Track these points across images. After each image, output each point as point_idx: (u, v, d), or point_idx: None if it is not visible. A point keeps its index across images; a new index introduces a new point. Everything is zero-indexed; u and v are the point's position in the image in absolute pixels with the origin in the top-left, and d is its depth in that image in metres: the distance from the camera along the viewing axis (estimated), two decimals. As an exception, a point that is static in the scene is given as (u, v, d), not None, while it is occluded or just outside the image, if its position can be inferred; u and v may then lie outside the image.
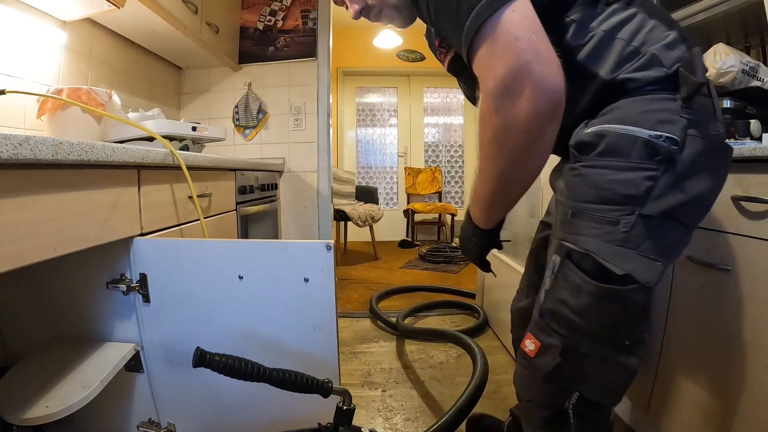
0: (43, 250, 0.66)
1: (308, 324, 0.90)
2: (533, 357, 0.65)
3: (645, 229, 0.58)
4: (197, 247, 0.88)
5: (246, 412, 0.96)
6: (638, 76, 0.60)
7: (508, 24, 0.53)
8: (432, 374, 1.68)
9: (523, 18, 0.54)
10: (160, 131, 1.30)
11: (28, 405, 0.75)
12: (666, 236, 0.59)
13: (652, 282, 0.59)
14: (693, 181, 0.59)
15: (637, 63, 0.61)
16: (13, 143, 0.56)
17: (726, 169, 0.64)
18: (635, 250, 0.58)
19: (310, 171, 2.44)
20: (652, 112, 0.59)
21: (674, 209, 0.58)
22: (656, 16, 0.64)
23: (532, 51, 0.53)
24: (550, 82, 0.53)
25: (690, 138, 0.58)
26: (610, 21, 0.62)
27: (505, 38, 0.53)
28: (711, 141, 0.60)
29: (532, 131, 0.55)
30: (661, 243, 0.59)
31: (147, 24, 1.69)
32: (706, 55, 1.12)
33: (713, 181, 0.61)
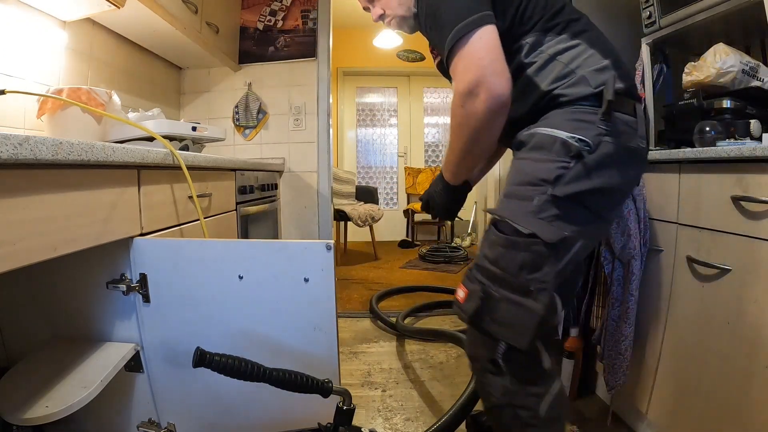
0: (43, 250, 0.66)
1: (308, 324, 0.90)
2: (462, 302, 0.79)
3: (553, 205, 0.74)
4: (197, 247, 0.88)
5: (246, 412, 0.96)
6: (568, 92, 0.78)
7: (475, 45, 0.74)
8: (432, 374, 1.68)
9: (486, 42, 0.74)
10: (160, 131, 1.30)
11: (28, 405, 0.75)
12: (570, 215, 0.75)
13: (552, 239, 0.73)
14: (599, 175, 0.74)
15: (569, 81, 0.79)
16: (13, 143, 0.56)
17: (634, 176, 0.81)
18: (542, 218, 0.74)
19: (310, 171, 2.44)
20: (574, 121, 0.76)
21: (579, 194, 0.74)
22: (597, 47, 0.81)
23: (489, 67, 0.73)
24: (499, 91, 0.73)
25: (603, 143, 0.75)
26: (556, 47, 0.81)
27: (472, 56, 0.74)
28: (624, 149, 0.77)
29: (484, 122, 0.76)
30: (566, 219, 0.74)
31: (147, 24, 1.69)
32: (706, 55, 1.12)
33: (619, 179, 0.77)
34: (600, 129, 0.75)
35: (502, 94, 0.73)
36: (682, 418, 1.05)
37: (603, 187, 0.75)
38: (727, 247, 0.93)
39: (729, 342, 0.92)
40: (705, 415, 0.98)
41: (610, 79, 0.76)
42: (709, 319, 0.97)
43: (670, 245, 1.10)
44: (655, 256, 1.16)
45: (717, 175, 0.95)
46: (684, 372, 1.05)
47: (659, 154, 1.14)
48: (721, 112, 1.10)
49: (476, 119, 0.76)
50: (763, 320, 0.84)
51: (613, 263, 1.22)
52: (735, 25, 1.15)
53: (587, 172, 0.74)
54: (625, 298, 1.17)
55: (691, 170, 1.04)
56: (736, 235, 0.90)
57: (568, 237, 0.74)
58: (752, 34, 1.21)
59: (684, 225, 1.05)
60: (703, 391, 0.99)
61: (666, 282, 1.11)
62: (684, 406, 1.04)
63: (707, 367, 0.98)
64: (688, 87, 1.18)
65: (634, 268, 1.15)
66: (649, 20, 1.26)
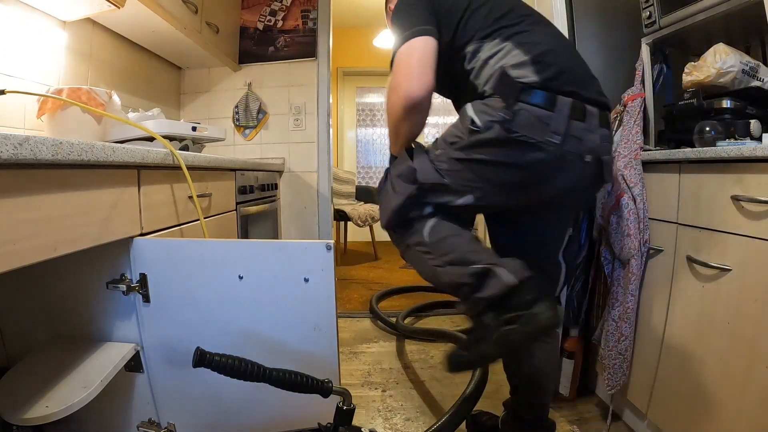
0: (43, 250, 0.66)
1: (308, 324, 0.90)
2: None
3: (443, 159, 0.93)
4: (197, 247, 0.88)
5: (246, 412, 0.96)
6: (489, 88, 0.91)
7: (405, 52, 0.92)
8: (432, 374, 1.68)
9: (415, 50, 0.91)
10: (160, 131, 1.30)
11: (28, 405, 0.75)
12: (453, 171, 0.92)
13: (422, 178, 0.93)
14: (479, 152, 0.89)
15: (492, 79, 0.90)
16: (13, 143, 0.56)
17: (514, 161, 0.88)
18: (432, 163, 0.94)
19: (310, 171, 2.44)
20: (483, 105, 0.89)
21: (462, 160, 0.91)
22: (523, 46, 0.90)
23: (411, 72, 0.90)
24: (413, 93, 0.90)
25: (492, 128, 0.86)
26: (489, 52, 0.93)
27: (401, 61, 0.92)
28: (512, 138, 0.86)
29: (400, 115, 0.93)
30: (452, 173, 0.92)
31: (147, 24, 1.69)
32: (705, 55, 1.12)
33: (504, 159, 0.89)
34: (496, 116, 0.86)
35: (415, 96, 0.89)
36: (681, 418, 1.05)
37: (485, 160, 0.90)
38: (727, 247, 0.93)
39: (729, 342, 0.92)
40: (705, 414, 0.98)
41: (525, 74, 0.87)
42: (709, 319, 0.97)
43: (670, 245, 1.10)
44: (655, 256, 1.16)
45: (717, 175, 0.95)
46: (684, 372, 1.05)
47: (659, 154, 1.14)
48: (721, 112, 1.10)
49: (394, 112, 0.94)
50: (763, 320, 0.84)
51: (613, 263, 1.22)
52: (735, 25, 1.15)
53: (471, 145, 0.90)
54: (625, 298, 1.17)
55: (691, 170, 1.04)
56: (736, 235, 0.90)
57: (445, 183, 0.93)
58: (752, 34, 1.21)
59: (684, 225, 1.05)
60: (703, 391, 0.99)
61: (666, 282, 1.11)
62: (684, 406, 1.04)
63: (707, 367, 0.98)
64: (688, 87, 1.18)
65: (634, 268, 1.15)
66: (649, 20, 1.26)
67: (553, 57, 0.91)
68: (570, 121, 0.86)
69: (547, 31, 0.98)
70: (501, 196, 0.96)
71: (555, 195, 0.95)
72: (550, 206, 1.01)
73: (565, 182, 0.92)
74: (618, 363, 1.20)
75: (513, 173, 0.91)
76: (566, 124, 0.86)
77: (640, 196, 1.15)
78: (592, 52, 1.48)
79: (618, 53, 1.46)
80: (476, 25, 0.95)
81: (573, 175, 0.92)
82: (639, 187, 1.16)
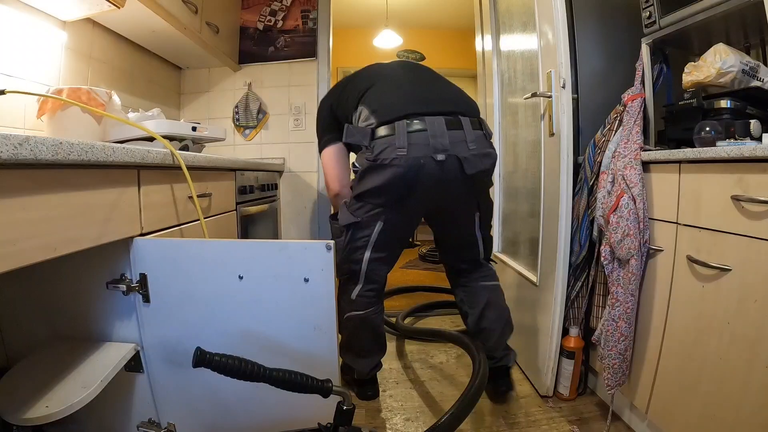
0: (43, 250, 0.66)
1: (308, 324, 0.90)
2: None
3: (353, 203, 1.30)
4: (197, 247, 0.88)
5: (246, 412, 0.96)
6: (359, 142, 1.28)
7: (324, 159, 1.46)
8: (432, 374, 1.68)
9: (329, 158, 1.44)
10: (160, 131, 1.30)
11: (28, 405, 0.75)
12: (360, 208, 1.28)
13: (343, 223, 1.31)
14: (361, 185, 1.26)
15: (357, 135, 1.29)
16: (13, 143, 0.56)
17: (383, 181, 1.19)
18: (348, 209, 1.31)
19: (310, 171, 2.44)
20: (360, 156, 1.27)
21: (359, 194, 1.27)
22: (370, 104, 1.27)
23: (330, 176, 1.45)
24: (335, 191, 1.45)
25: (364, 162, 1.23)
26: (356, 118, 1.32)
27: (324, 165, 1.47)
28: (376, 163, 1.19)
29: (333, 200, 1.50)
30: (358, 210, 1.28)
31: (147, 24, 1.69)
32: (705, 55, 1.12)
33: (379, 181, 1.20)
34: (365, 155, 1.22)
35: (339, 191, 1.44)
36: (681, 418, 1.05)
37: (367, 190, 1.23)
38: (727, 247, 0.93)
39: (729, 342, 0.92)
40: (705, 414, 0.98)
41: (371, 121, 1.24)
42: (709, 319, 0.97)
43: (670, 245, 1.10)
44: (655, 256, 1.16)
45: (717, 175, 0.95)
46: (684, 372, 1.05)
47: (659, 154, 1.14)
48: (721, 112, 1.09)
49: (331, 198, 1.51)
50: (763, 320, 0.84)
51: (613, 263, 1.22)
52: (735, 25, 1.15)
53: (357, 183, 1.27)
54: (625, 298, 1.17)
55: (691, 170, 1.04)
56: (736, 235, 0.90)
57: (358, 221, 1.28)
58: (752, 34, 1.20)
59: (684, 225, 1.05)
60: (703, 391, 0.99)
61: (666, 282, 1.11)
62: (684, 406, 1.04)
63: (707, 367, 0.98)
64: (688, 87, 1.18)
65: (634, 268, 1.15)
66: (649, 20, 1.26)
67: (388, 99, 1.26)
68: (408, 135, 1.17)
69: (394, 83, 1.32)
70: (396, 211, 1.25)
71: (432, 191, 1.23)
72: (442, 203, 1.31)
73: (430, 178, 1.20)
74: (618, 363, 1.20)
75: (388, 189, 1.20)
76: (406, 138, 1.17)
77: (640, 196, 1.15)
78: (592, 52, 1.48)
79: (618, 53, 1.46)
80: (351, 103, 1.33)
81: (433, 171, 1.19)
82: (639, 187, 1.16)
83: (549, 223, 1.48)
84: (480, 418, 1.37)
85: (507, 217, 2.07)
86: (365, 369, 1.44)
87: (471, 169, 1.21)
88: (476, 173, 1.23)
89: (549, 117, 1.44)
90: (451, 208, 1.36)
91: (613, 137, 1.31)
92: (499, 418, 1.37)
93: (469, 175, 1.22)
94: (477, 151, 1.22)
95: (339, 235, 1.34)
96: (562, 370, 1.45)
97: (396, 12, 4.10)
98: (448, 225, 1.43)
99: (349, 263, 1.32)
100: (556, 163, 1.42)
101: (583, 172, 1.40)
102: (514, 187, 1.98)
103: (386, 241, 1.30)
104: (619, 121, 1.32)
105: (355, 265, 1.32)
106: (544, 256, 1.52)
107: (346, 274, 1.35)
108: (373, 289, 1.35)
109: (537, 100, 1.56)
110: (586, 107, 1.47)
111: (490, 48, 2.16)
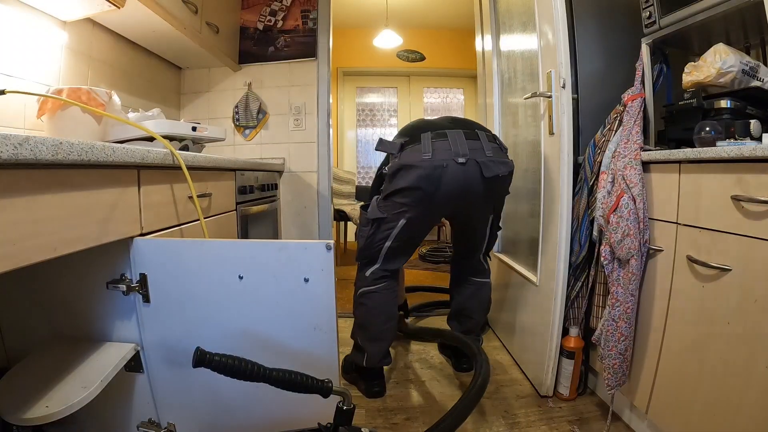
0: (43, 250, 0.66)
1: (308, 324, 0.90)
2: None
3: (381, 201, 1.43)
4: (197, 247, 0.88)
5: (246, 412, 0.96)
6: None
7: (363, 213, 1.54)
8: (432, 374, 1.68)
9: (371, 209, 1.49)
10: (160, 131, 1.30)
11: (28, 405, 0.75)
12: (388, 207, 1.40)
13: (371, 217, 1.44)
14: (390, 186, 1.38)
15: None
16: (13, 143, 0.56)
17: (410, 182, 1.32)
18: (378, 207, 1.43)
19: (310, 171, 2.44)
20: (390, 162, 1.41)
21: (388, 195, 1.40)
22: (403, 135, 1.43)
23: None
24: None
25: (393, 165, 1.37)
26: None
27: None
28: (404, 165, 1.33)
29: None
30: (386, 208, 1.41)
31: (147, 24, 1.69)
32: (705, 55, 1.12)
33: (405, 183, 1.33)
34: (394, 160, 1.37)
35: None
36: (681, 418, 1.05)
37: (396, 189, 1.36)
38: (727, 247, 0.93)
39: (729, 342, 0.92)
40: (705, 414, 0.98)
41: (400, 142, 1.39)
42: (709, 319, 0.97)
43: (670, 245, 1.10)
44: (655, 256, 1.16)
45: (717, 175, 0.95)
46: (684, 372, 1.05)
47: (659, 154, 1.14)
48: (721, 112, 1.09)
49: None
50: (763, 320, 0.84)
51: (613, 263, 1.22)
52: (735, 25, 1.15)
53: (388, 183, 1.40)
54: (625, 298, 1.17)
55: (691, 170, 1.04)
56: (736, 235, 0.90)
57: (384, 216, 1.41)
58: (752, 34, 1.20)
59: (684, 225, 1.05)
60: (703, 391, 0.99)
61: (666, 282, 1.11)
62: (684, 406, 1.04)
63: (707, 367, 0.98)
64: (688, 87, 1.18)
65: (634, 268, 1.15)
66: (649, 20, 1.26)
67: (414, 133, 1.40)
68: (432, 143, 1.32)
69: (429, 125, 1.48)
70: (419, 211, 1.37)
71: (455, 192, 1.34)
72: (462, 203, 1.41)
73: (452, 180, 1.32)
74: (618, 363, 1.20)
75: (414, 189, 1.33)
76: (431, 145, 1.31)
77: (640, 196, 1.15)
78: (592, 52, 1.48)
79: (618, 53, 1.46)
80: None
81: (456, 173, 1.31)
82: (639, 187, 1.16)
83: (549, 223, 1.48)
84: (480, 418, 1.37)
85: (507, 217, 2.07)
86: (377, 355, 1.47)
87: (489, 172, 1.33)
88: (493, 177, 1.35)
89: (549, 117, 1.44)
90: (469, 210, 1.49)
91: (613, 137, 1.31)
92: (499, 418, 1.37)
93: (488, 178, 1.33)
94: (494, 159, 1.36)
95: (365, 225, 1.46)
96: (562, 370, 1.45)
97: (396, 12, 4.10)
98: (464, 225, 1.61)
99: (370, 249, 1.46)
100: (556, 163, 1.42)
101: (583, 172, 1.40)
102: (514, 187, 1.97)
103: (406, 236, 1.43)
104: (619, 121, 1.32)
105: (375, 251, 1.45)
106: (544, 256, 1.52)
107: (366, 258, 1.48)
108: (387, 270, 1.47)
109: (537, 100, 1.56)
110: (586, 107, 1.47)
111: (490, 48, 2.16)
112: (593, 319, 1.39)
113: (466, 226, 1.61)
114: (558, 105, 1.39)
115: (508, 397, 1.50)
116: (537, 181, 1.58)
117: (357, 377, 1.57)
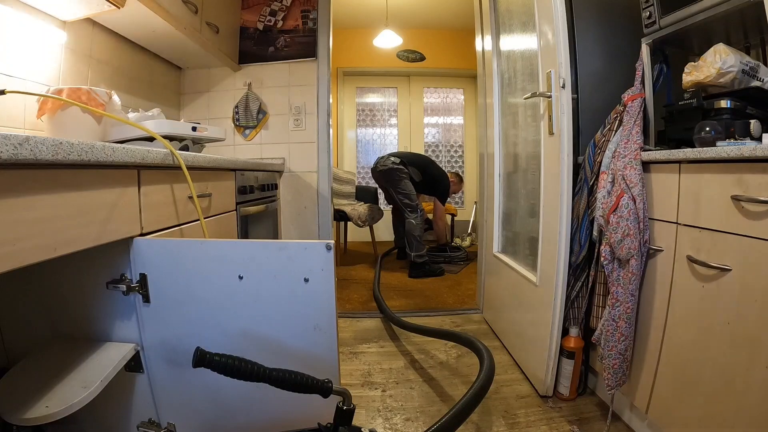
0: (43, 250, 0.66)
1: (308, 324, 0.90)
2: None
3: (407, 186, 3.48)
4: (197, 247, 0.88)
5: (246, 412, 0.96)
6: None
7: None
8: (432, 374, 1.68)
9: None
10: (160, 131, 1.30)
11: (28, 405, 0.75)
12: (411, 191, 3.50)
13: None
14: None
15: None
16: (13, 143, 0.56)
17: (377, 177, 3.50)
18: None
19: (310, 171, 2.44)
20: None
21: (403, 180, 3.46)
22: (404, 156, 3.48)
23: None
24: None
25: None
26: None
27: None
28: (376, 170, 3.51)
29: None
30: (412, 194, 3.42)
31: (147, 24, 1.69)
32: (705, 55, 1.12)
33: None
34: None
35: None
36: (681, 418, 1.05)
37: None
38: (727, 247, 0.93)
39: (729, 342, 0.92)
40: (705, 414, 0.98)
41: (394, 160, 3.34)
42: (709, 319, 0.97)
43: (670, 245, 1.10)
44: (655, 256, 1.16)
45: (717, 175, 0.95)
46: (684, 372, 1.05)
47: (659, 154, 1.14)
48: (721, 112, 1.09)
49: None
50: (763, 320, 0.84)
51: (613, 263, 1.22)
52: (735, 25, 1.15)
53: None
54: (625, 298, 1.17)
55: (691, 170, 1.04)
56: (736, 235, 0.90)
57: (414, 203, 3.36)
58: (752, 34, 1.20)
59: (684, 225, 1.05)
60: (703, 391, 0.99)
61: (666, 282, 1.11)
62: (684, 406, 1.04)
63: (707, 367, 0.98)
64: (688, 87, 1.18)
65: (634, 268, 1.15)
66: (649, 20, 1.26)
67: (407, 155, 3.39)
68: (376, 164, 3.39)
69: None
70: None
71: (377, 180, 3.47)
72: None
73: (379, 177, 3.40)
74: (618, 363, 1.20)
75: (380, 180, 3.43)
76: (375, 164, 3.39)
77: (640, 196, 1.15)
78: (592, 52, 1.48)
79: (618, 53, 1.46)
80: None
81: (377, 174, 3.38)
82: (639, 187, 1.16)
83: (549, 223, 1.48)
84: (480, 418, 1.37)
85: (507, 217, 2.07)
86: (426, 255, 3.30)
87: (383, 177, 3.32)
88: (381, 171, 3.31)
89: (549, 117, 1.44)
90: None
91: (613, 137, 1.31)
92: (499, 418, 1.37)
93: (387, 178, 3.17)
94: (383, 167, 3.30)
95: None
96: (562, 370, 1.45)
97: (396, 12, 4.10)
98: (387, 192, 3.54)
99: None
100: (556, 163, 1.42)
101: (583, 172, 1.40)
102: (514, 187, 1.98)
103: None
104: (619, 121, 1.32)
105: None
106: (544, 256, 1.52)
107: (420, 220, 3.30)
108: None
109: (537, 100, 1.56)
110: (586, 107, 1.47)
111: (490, 48, 2.16)
112: (593, 319, 1.39)
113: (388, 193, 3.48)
114: (558, 105, 1.39)
115: (508, 397, 1.50)
116: (537, 181, 1.58)
117: (429, 270, 3.22)
